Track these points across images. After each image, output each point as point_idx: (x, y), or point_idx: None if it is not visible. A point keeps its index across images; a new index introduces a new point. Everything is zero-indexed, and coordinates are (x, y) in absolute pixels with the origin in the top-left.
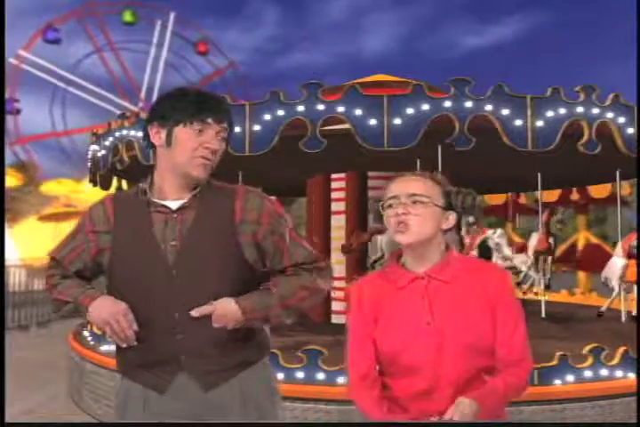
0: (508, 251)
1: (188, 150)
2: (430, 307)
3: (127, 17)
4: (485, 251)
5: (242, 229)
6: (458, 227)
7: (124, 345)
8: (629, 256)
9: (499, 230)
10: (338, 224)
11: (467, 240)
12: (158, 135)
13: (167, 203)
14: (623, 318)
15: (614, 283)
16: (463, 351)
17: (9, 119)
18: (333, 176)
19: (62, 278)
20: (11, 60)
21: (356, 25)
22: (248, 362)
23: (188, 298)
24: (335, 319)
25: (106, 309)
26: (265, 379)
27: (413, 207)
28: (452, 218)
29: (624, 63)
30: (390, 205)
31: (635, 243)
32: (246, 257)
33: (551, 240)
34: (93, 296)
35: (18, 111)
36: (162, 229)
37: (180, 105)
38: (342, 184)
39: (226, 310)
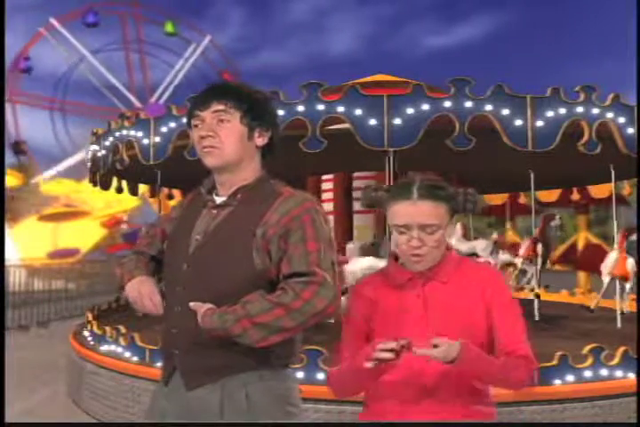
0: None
1: (197, 147)
2: (425, 306)
3: (169, 28)
4: None
5: (257, 232)
6: None
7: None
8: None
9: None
10: (362, 224)
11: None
12: None
13: (216, 198)
14: (618, 322)
15: (604, 277)
16: None
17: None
18: (355, 175)
19: (134, 255)
20: (40, 29)
21: (321, 25)
22: (236, 368)
23: (189, 293)
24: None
25: (136, 289)
26: (258, 392)
27: (427, 238)
28: (457, 224)
29: (594, 63)
30: (402, 232)
31: (634, 237)
32: (255, 263)
33: (539, 248)
34: (133, 275)
35: (28, 70)
36: (199, 223)
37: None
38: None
39: (200, 317)
